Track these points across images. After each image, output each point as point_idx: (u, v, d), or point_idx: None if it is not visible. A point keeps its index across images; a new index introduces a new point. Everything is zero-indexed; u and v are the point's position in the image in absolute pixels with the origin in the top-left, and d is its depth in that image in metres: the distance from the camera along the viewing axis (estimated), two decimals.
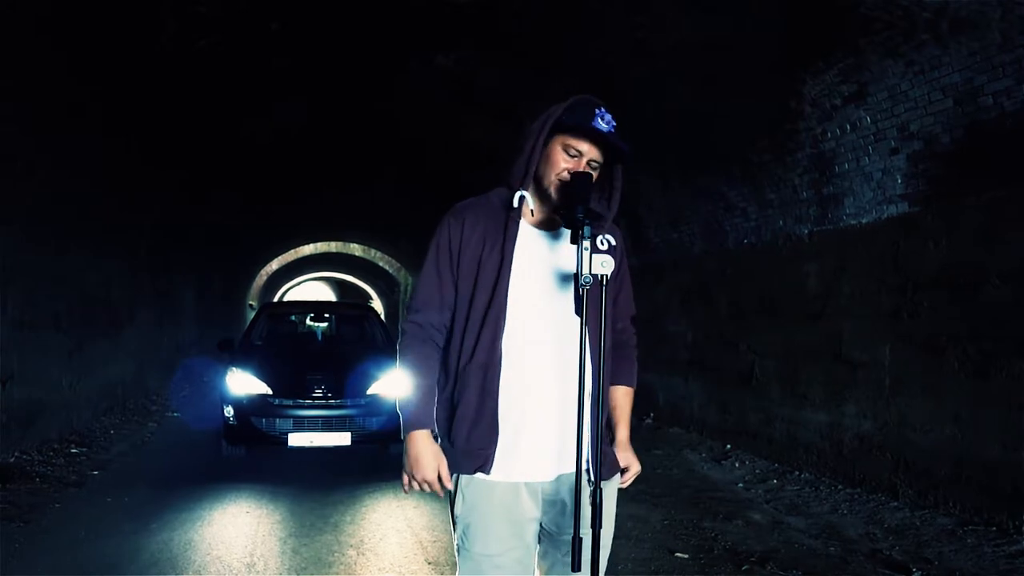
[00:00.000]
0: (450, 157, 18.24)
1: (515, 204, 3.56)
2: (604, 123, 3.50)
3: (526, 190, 3.59)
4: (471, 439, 3.53)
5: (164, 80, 12.23)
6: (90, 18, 9.90)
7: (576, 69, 11.47)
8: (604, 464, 3.56)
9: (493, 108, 14.52)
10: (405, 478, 3.62)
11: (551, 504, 3.56)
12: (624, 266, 3.89)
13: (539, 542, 3.67)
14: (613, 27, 10.46)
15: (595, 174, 3.56)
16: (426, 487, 3.59)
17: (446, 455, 3.59)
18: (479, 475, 3.52)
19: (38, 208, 11.73)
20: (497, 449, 3.50)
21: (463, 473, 3.55)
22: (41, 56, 10.07)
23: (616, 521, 3.90)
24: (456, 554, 3.65)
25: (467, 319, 3.58)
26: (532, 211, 3.64)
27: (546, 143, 3.57)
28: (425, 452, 3.55)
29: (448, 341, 3.69)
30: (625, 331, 3.96)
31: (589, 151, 3.52)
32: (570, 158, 3.52)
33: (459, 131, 16.54)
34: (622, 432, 3.88)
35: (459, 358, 3.59)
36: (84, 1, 9.63)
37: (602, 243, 3.68)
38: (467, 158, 17.62)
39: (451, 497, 3.64)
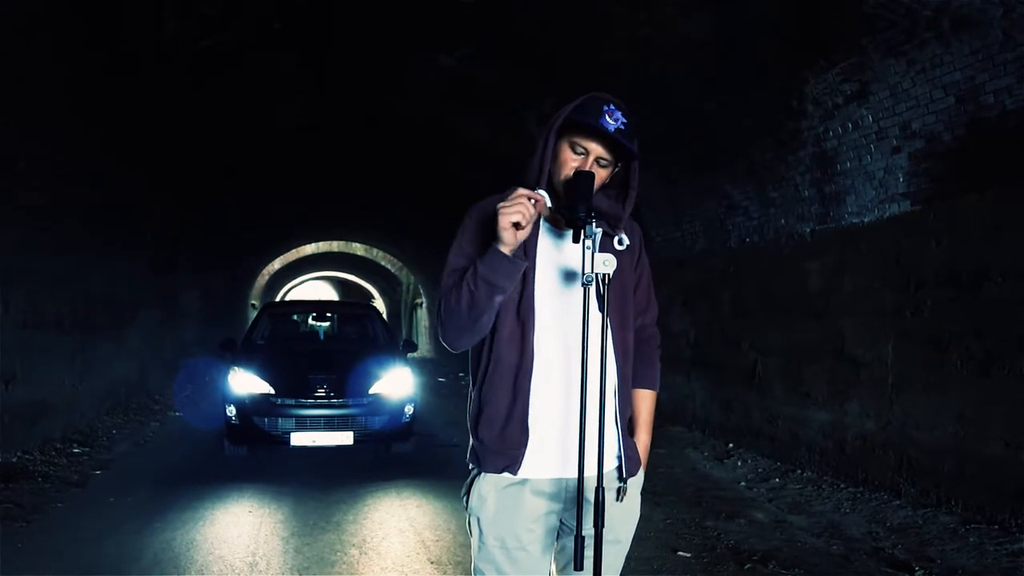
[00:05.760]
0: (452, 156, 18.27)
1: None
2: (612, 120, 3.42)
3: (544, 188, 3.52)
4: (503, 438, 3.48)
5: (166, 80, 12.25)
6: (91, 18, 9.92)
7: (578, 68, 11.48)
8: (629, 460, 3.58)
9: (495, 108, 14.53)
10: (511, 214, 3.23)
11: (572, 501, 3.48)
12: (643, 263, 3.86)
13: (558, 538, 3.63)
14: (615, 25, 10.46)
15: (606, 171, 3.52)
16: (523, 200, 3.23)
17: (474, 452, 3.58)
18: (505, 474, 3.48)
19: (41, 209, 11.75)
20: (527, 448, 3.47)
21: (488, 472, 3.51)
22: (43, 66, 10.10)
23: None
24: (472, 547, 3.64)
25: (495, 318, 3.53)
26: (549, 210, 3.58)
27: (557, 142, 3.52)
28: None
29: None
30: (645, 330, 3.88)
31: (595, 148, 3.46)
32: (577, 156, 3.47)
33: (461, 130, 16.55)
34: (640, 440, 3.77)
35: (488, 357, 3.55)
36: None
37: (620, 243, 3.61)
38: (469, 157, 17.63)
39: (466, 491, 3.61)
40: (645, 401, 3.83)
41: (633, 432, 3.77)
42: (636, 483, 3.66)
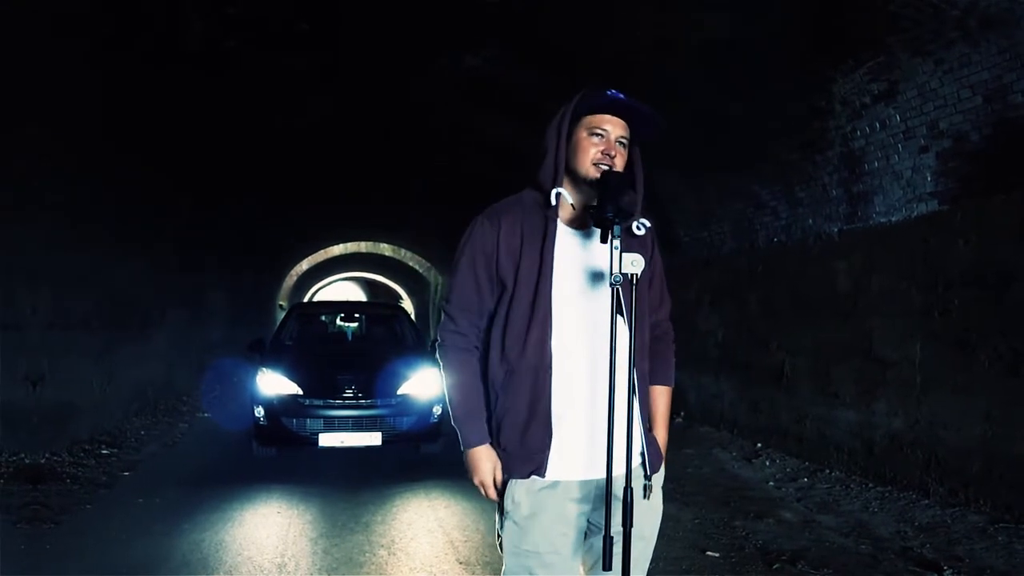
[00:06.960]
0: (479, 157, 18.27)
1: (553, 202, 3.51)
2: (616, 95, 3.49)
3: (561, 187, 3.55)
4: (525, 443, 3.49)
5: (191, 79, 12.29)
6: (114, 17, 9.97)
7: (602, 68, 11.46)
8: (652, 457, 3.60)
9: (520, 108, 14.52)
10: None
11: (600, 500, 3.49)
12: (655, 256, 3.81)
13: (585, 538, 3.63)
14: (640, 26, 10.45)
15: (624, 153, 3.55)
16: (481, 489, 3.61)
17: (500, 459, 3.58)
18: (533, 477, 3.49)
19: (67, 210, 11.78)
20: (551, 451, 3.48)
21: (516, 477, 3.51)
22: (65, 65, 10.14)
23: None
24: (500, 550, 3.64)
25: (508, 322, 3.53)
26: (572, 205, 3.59)
27: (571, 136, 3.54)
28: (481, 460, 3.57)
29: (489, 344, 3.63)
30: (659, 326, 3.89)
31: (613, 127, 3.50)
32: (599, 140, 3.49)
33: (488, 131, 16.55)
34: (658, 435, 3.78)
35: (505, 361, 3.55)
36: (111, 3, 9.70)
37: (639, 228, 3.61)
38: (495, 158, 17.62)
39: (498, 496, 3.61)
40: (662, 397, 3.87)
41: (651, 428, 3.79)
42: (658, 479, 3.68)
